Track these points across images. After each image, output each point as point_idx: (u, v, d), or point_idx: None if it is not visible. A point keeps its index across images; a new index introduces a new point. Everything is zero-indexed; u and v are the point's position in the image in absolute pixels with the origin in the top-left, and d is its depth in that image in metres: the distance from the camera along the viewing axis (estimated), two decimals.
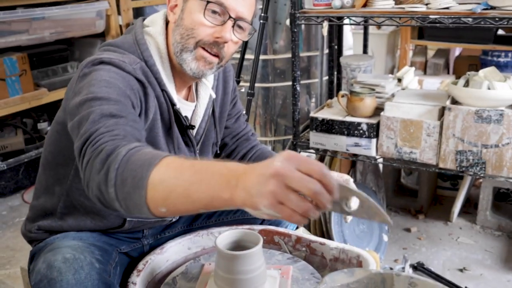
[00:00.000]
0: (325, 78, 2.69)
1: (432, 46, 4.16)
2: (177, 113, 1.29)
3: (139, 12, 3.78)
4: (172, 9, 1.28)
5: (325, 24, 1.91)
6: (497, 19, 1.71)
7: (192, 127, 1.36)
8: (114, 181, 0.91)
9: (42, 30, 2.89)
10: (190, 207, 0.88)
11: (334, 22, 1.94)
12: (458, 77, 3.86)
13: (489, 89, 1.76)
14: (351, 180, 1.37)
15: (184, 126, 1.33)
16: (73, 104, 1.10)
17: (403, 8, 1.84)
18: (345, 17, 1.96)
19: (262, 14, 2.14)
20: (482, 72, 1.85)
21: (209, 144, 1.46)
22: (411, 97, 1.91)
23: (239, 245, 1.36)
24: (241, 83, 2.46)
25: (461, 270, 2.17)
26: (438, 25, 1.76)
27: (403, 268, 2.08)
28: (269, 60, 2.55)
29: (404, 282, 1.09)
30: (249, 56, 2.44)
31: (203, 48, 1.22)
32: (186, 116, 1.35)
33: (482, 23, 1.72)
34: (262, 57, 2.53)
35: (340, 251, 1.50)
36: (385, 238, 2.25)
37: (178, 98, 1.32)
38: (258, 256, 1.31)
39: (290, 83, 2.57)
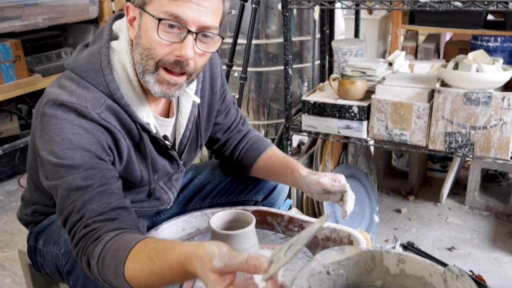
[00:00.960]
0: (317, 62, 2.68)
1: (423, 31, 4.15)
2: (155, 138, 1.24)
3: None
4: (131, 22, 1.14)
5: (317, 8, 1.90)
6: (486, 2, 1.71)
7: (173, 147, 1.31)
8: (97, 271, 1.01)
9: (35, 16, 2.86)
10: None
11: (326, 6, 1.93)
12: (448, 62, 3.88)
13: (478, 71, 1.77)
14: (343, 177, 1.36)
15: (164, 147, 1.28)
16: (42, 157, 1.10)
17: None
18: (337, 1, 1.95)
19: None
20: (471, 55, 1.85)
21: (193, 151, 1.42)
22: (401, 80, 1.91)
23: (232, 225, 1.37)
24: (234, 68, 2.44)
25: (449, 249, 2.19)
26: (428, 8, 1.75)
27: (394, 247, 2.10)
28: (262, 44, 2.55)
29: (393, 259, 1.10)
30: (242, 40, 2.43)
31: (165, 69, 1.11)
32: (165, 136, 1.29)
33: (472, 7, 1.72)
34: (254, 41, 2.52)
35: (332, 230, 1.51)
36: (376, 219, 2.27)
37: (155, 117, 1.25)
38: (251, 235, 1.31)
39: (282, 67, 2.57)
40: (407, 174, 2.69)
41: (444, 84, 1.86)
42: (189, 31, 1.06)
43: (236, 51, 2.39)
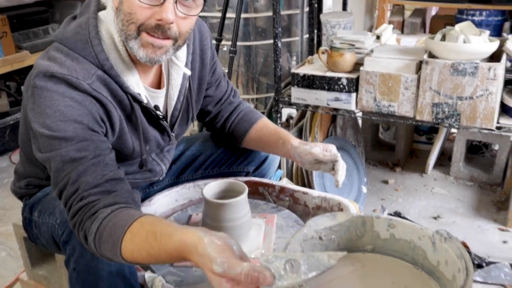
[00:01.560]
0: (306, 36, 2.67)
1: (409, 6, 4.13)
2: (146, 108, 1.23)
3: None
4: None
5: None
6: None
7: (164, 118, 1.29)
8: (94, 247, 1.01)
9: None
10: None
11: None
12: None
13: (465, 43, 1.77)
14: (334, 147, 1.36)
15: (155, 118, 1.26)
16: (34, 129, 1.08)
17: None
18: None
19: None
20: (458, 26, 1.85)
21: (185, 123, 1.41)
22: (389, 52, 1.90)
23: (225, 195, 1.37)
24: (223, 42, 2.42)
25: (435, 218, 2.22)
26: None
27: None
28: (250, 18, 2.52)
29: (383, 224, 1.12)
30: (230, 14, 2.41)
31: (148, 33, 1.08)
32: (156, 106, 1.27)
33: None
34: (243, 15, 2.49)
35: (322, 199, 1.53)
36: (364, 189, 2.29)
37: (145, 88, 1.23)
38: (243, 204, 1.32)
39: (271, 41, 2.55)
40: (394, 147, 2.71)
41: (431, 55, 1.86)
42: None
43: (225, 25, 2.36)
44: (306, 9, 2.60)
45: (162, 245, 0.93)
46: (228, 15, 2.33)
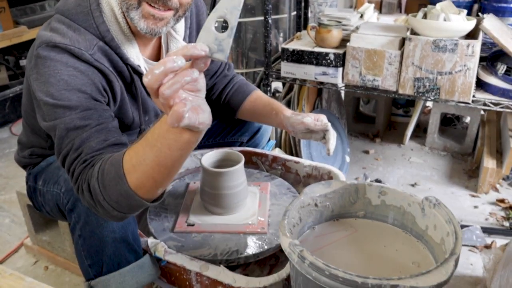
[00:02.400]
0: (293, 13, 2.59)
1: None
2: None
3: None
4: None
5: None
6: None
7: None
8: (98, 188, 0.92)
9: None
10: (175, 165, 0.87)
11: None
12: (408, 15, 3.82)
13: (445, 20, 1.73)
14: (325, 117, 1.32)
15: None
16: (38, 98, 1.01)
17: None
18: None
19: None
20: (439, 5, 1.80)
21: None
22: (374, 29, 1.85)
23: (222, 164, 1.33)
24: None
25: (412, 185, 2.22)
26: None
27: None
28: None
29: (375, 191, 1.09)
30: None
31: (149, 4, 1.02)
32: None
33: None
34: None
35: (313, 168, 1.50)
36: (347, 159, 2.27)
37: (144, 60, 1.17)
38: (240, 173, 1.29)
39: (260, 18, 2.48)
40: (373, 119, 2.68)
41: (413, 32, 1.81)
42: None
43: (216, 1, 2.28)
44: None
45: (151, 132, 0.84)
46: None
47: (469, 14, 3.16)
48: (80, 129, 0.98)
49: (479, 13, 2.97)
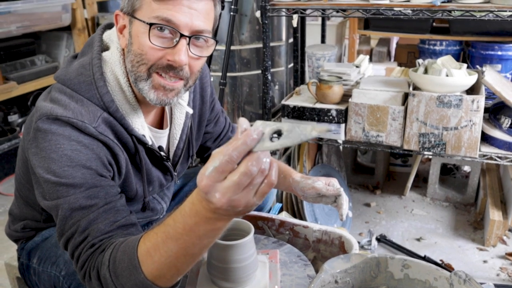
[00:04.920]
0: (290, 66, 2.60)
1: (375, 36, 4.14)
2: (150, 150, 1.10)
3: (103, 5, 3.54)
4: (122, 31, 1.01)
5: (295, 16, 1.81)
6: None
7: (168, 158, 1.18)
8: (110, 277, 0.85)
9: (9, 24, 2.63)
10: (203, 252, 0.82)
11: (304, 14, 1.84)
12: (399, 64, 3.88)
13: (447, 76, 1.72)
14: (336, 181, 1.28)
15: (159, 159, 1.15)
16: (38, 175, 0.94)
17: (368, 0, 1.76)
18: (313, 10, 1.86)
19: (232, 7, 2.00)
20: (440, 60, 1.80)
21: (185, 161, 1.29)
22: (375, 84, 1.84)
23: (230, 234, 1.26)
24: (211, 73, 2.32)
25: (418, 240, 2.16)
26: (402, 16, 1.69)
27: (369, 241, 2.04)
28: (236, 50, 2.43)
29: (397, 264, 1.03)
30: (218, 47, 2.31)
31: (159, 74, 0.97)
32: (160, 147, 1.16)
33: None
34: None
35: (323, 232, 1.43)
36: (350, 214, 2.19)
37: (149, 129, 1.12)
38: (250, 244, 1.21)
39: (255, 72, 2.47)
40: (372, 170, 2.65)
41: (415, 87, 1.80)
42: (182, 35, 0.93)
43: (212, 56, 2.26)
44: (290, 40, 2.53)
45: (172, 220, 0.78)
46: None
47: (457, 61, 3.23)
48: (86, 209, 0.91)
49: (467, 61, 3.03)
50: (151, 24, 0.93)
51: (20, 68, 2.89)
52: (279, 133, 0.73)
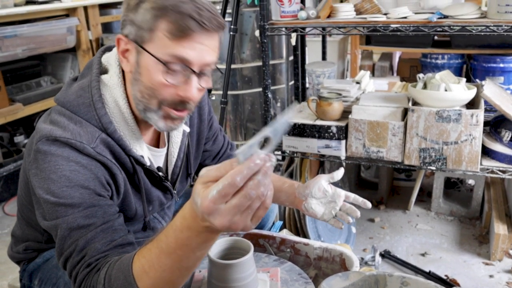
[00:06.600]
0: (291, 83, 2.62)
1: (377, 51, 4.16)
2: (148, 170, 1.12)
3: (107, 27, 3.60)
4: (124, 54, 1.01)
5: (294, 35, 1.83)
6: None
7: (166, 178, 1.20)
8: None
9: (15, 47, 2.68)
10: (197, 264, 0.83)
11: (303, 33, 1.86)
12: (402, 78, 3.89)
13: (446, 91, 1.73)
14: (343, 192, 1.31)
15: (158, 179, 1.16)
16: (38, 196, 0.96)
17: (365, 18, 1.78)
18: (311, 28, 1.88)
19: (232, 27, 2.03)
20: (438, 75, 1.81)
21: (184, 179, 1.31)
22: (375, 100, 1.85)
23: (229, 253, 1.26)
24: (212, 91, 2.35)
25: (423, 255, 2.14)
26: (399, 33, 1.70)
27: (373, 257, 2.03)
28: (237, 69, 2.46)
29: (396, 282, 1.03)
30: (218, 66, 2.33)
31: (169, 107, 1.01)
32: (159, 167, 1.18)
33: (439, 29, 1.69)
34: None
35: (324, 250, 1.43)
36: (353, 230, 2.20)
37: (148, 148, 1.14)
38: (250, 263, 1.21)
39: (257, 89, 2.49)
40: (375, 185, 2.64)
41: (414, 102, 1.81)
42: (193, 72, 0.95)
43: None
44: (291, 58, 2.55)
45: (166, 235, 0.79)
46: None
47: (459, 74, 3.23)
48: (84, 228, 0.92)
49: (470, 74, 3.04)
50: (165, 64, 0.94)
51: (26, 90, 2.94)
52: (266, 140, 0.75)
